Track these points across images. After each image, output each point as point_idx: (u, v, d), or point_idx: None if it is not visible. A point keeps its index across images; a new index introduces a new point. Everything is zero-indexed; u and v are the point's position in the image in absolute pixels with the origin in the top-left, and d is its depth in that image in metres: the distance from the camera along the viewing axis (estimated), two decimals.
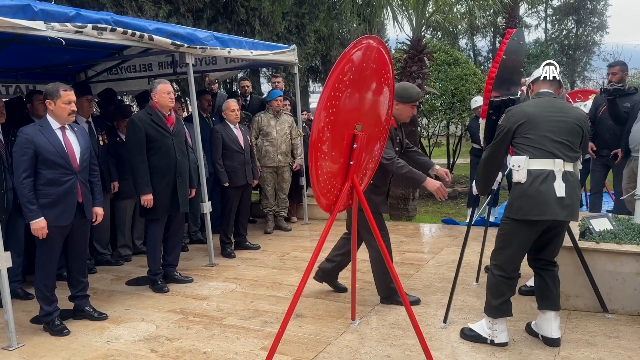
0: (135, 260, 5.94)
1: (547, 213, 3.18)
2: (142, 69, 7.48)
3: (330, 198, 3.29)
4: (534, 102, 3.41)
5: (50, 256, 3.92)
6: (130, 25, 4.62)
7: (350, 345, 3.58)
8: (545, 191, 3.18)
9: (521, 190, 3.24)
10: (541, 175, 3.20)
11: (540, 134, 3.24)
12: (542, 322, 3.50)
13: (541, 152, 3.22)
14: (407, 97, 4.10)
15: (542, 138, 3.23)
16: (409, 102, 4.12)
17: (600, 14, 27.11)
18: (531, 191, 3.20)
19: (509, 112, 3.38)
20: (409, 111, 4.18)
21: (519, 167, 3.24)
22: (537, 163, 3.22)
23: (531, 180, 3.21)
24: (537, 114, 3.28)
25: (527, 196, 3.21)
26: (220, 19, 9.61)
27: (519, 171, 3.24)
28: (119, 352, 3.63)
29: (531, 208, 3.20)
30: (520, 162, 3.24)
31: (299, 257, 5.84)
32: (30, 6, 3.80)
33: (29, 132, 3.79)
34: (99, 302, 4.50)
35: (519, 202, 3.24)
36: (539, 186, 3.19)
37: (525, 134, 3.26)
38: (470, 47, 26.58)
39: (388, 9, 9.49)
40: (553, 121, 3.26)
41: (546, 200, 3.18)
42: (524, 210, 3.22)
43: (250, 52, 6.09)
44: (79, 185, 3.92)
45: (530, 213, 3.21)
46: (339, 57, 2.94)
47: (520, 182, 3.24)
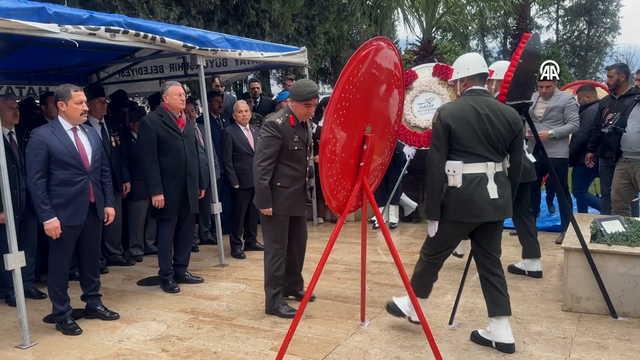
0: (147, 260, 5.98)
1: (481, 216, 3.29)
2: (153, 71, 7.53)
3: (340, 199, 3.30)
4: (466, 100, 3.35)
5: (63, 256, 3.96)
6: (143, 28, 4.66)
7: (360, 347, 3.58)
8: (479, 195, 3.27)
9: (456, 194, 3.30)
10: (475, 179, 3.28)
11: (473, 137, 3.26)
12: (496, 329, 3.44)
13: (475, 157, 3.28)
14: (299, 95, 3.97)
15: (475, 141, 3.27)
16: (302, 101, 3.97)
17: (612, 14, 26.93)
18: (466, 195, 3.28)
19: (442, 113, 3.30)
20: (303, 109, 4.02)
21: (454, 172, 3.29)
22: (471, 167, 3.29)
23: (466, 185, 3.28)
24: (470, 115, 3.26)
25: (462, 200, 3.29)
26: (231, 20, 9.66)
27: (455, 176, 3.30)
28: (131, 352, 3.66)
29: (466, 211, 3.30)
30: (455, 168, 3.29)
31: (309, 258, 5.82)
32: (45, 9, 3.85)
33: (42, 133, 3.84)
34: (111, 302, 4.54)
35: (455, 205, 3.31)
36: (473, 190, 3.27)
37: (459, 138, 3.27)
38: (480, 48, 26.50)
39: (398, 10, 9.50)
40: (486, 122, 3.26)
41: (481, 204, 3.27)
42: (459, 213, 3.31)
43: (260, 53, 6.12)
44: (91, 185, 3.97)
45: (465, 216, 3.31)
46: (350, 59, 2.96)
47: (456, 186, 3.30)
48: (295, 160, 4.08)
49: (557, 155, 5.69)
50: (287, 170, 4.05)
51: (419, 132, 6.69)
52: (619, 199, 5.30)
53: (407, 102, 6.66)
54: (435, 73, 6.63)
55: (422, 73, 6.72)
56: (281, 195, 4.04)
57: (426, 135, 6.49)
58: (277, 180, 4.03)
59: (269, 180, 3.98)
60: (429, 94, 6.57)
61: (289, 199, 4.07)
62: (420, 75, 6.72)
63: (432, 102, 6.57)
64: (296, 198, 4.12)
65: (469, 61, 3.45)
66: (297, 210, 4.17)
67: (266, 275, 4.20)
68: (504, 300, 3.42)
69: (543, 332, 3.69)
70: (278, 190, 4.04)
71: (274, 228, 4.11)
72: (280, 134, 3.95)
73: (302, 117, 4.11)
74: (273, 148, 3.96)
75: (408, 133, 6.74)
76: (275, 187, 4.03)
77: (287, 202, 4.07)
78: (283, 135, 3.96)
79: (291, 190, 4.07)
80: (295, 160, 4.08)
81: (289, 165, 4.05)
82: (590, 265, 3.87)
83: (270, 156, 3.96)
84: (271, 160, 3.97)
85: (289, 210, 4.10)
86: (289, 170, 4.06)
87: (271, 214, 4.03)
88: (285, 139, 3.98)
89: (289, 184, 4.06)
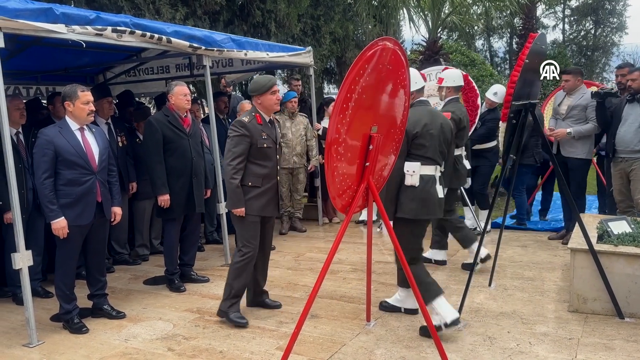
0: (153, 260, 6.00)
1: (434, 213, 3.78)
2: (159, 71, 7.56)
3: (346, 199, 3.30)
4: (421, 110, 3.81)
5: (70, 255, 3.98)
6: (149, 28, 4.68)
7: (366, 347, 3.58)
8: (432, 194, 3.73)
9: (414, 193, 3.69)
10: (429, 180, 3.73)
11: (431, 143, 3.72)
12: (406, 297, 4.02)
13: (429, 160, 3.73)
14: (263, 87, 4.01)
15: (431, 147, 3.72)
16: (267, 91, 4.02)
17: (619, 14, 26.79)
18: (423, 194, 3.70)
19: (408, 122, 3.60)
20: (272, 99, 4.06)
21: (413, 172, 3.69)
22: (426, 169, 3.72)
23: (423, 185, 3.69)
24: (428, 123, 3.72)
25: (419, 199, 3.70)
26: (237, 21, 9.67)
27: (413, 176, 3.69)
28: (137, 350, 3.67)
29: (422, 209, 3.71)
30: (415, 168, 3.69)
31: (314, 258, 5.86)
32: (52, 10, 3.87)
33: (49, 133, 3.86)
34: (117, 301, 4.56)
35: (413, 204, 3.68)
36: (429, 189, 3.71)
37: (421, 144, 3.70)
38: (486, 48, 26.43)
39: (404, 10, 9.49)
40: (439, 130, 3.76)
41: (433, 202, 3.74)
42: (416, 211, 3.69)
43: (266, 54, 6.13)
44: (98, 185, 3.99)
45: (421, 214, 3.72)
46: (356, 59, 2.95)
47: (414, 185, 3.69)
48: (266, 159, 4.05)
49: (576, 154, 5.66)
50: (258, 169, 4.02)
51: None
52: (623, 198, 5.27)
53: None
54: None
55: (430, 77, 6.63)
56: (253, 195, 4.00)
57: None
58: (249, 180, 3.99)
59: (239, 179, 3.95)
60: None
61: (261, 199, 4.03)
62: (429, 78, 6.63)
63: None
64: (268, 198, 4.08)
65: (415, 75, 3.82)
66: (269, 210, 4.12)
67: (231, 275, 4.08)
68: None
69: (549, 333, 3.68)
70: (250, 190, 3.99)
71: (246, 229, 4.04)
72: (248, 132, 3.94)
73: (272, 108, 4.14)
74: (242, 146, 3.94)
75: None
76: (247, 186, 3.99)
77: (259, 202, 4.02)
78: (251, 133, 3.95)
79: (263, 190, 4.03)
80: (266, 159, 4.05)
81: (259, 164, 4.02)
82: (596, 265, 3.85)
83: (240, 154, 3.93)
84: (241, 158, 3.94)
85: (261, 211, 4.04)
86: (260, 169, 4.02)
87: (244, 214, 3.98)
88: (254, 136, 3.96)
89: (261, 183, 4.02)
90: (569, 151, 5.75)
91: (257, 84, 4.06)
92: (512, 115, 3.87)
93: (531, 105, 4.06)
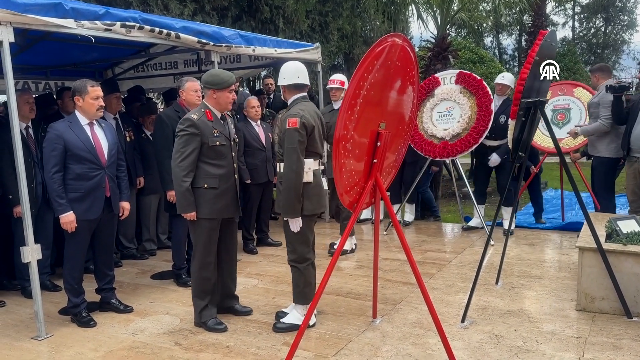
0: (160, 254, 6.03)
1: (324, 207, 3.89)
2: (167, 67, 7.57)
3: (354, 195, 3.30)
4: (310, 106, 3.76)
5: (78, 249, 4.01)
6: (158, 24, 4.68)
7: (372, 343, 3.58)
8: (322, 188, 3.81)
9: (310, 189, 3.68)
10: (318, 174, 3.76)
11: (319, 139, 3.73)
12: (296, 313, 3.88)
13: (316, 155, 3.74)
14: (222, 83, 3.77)
15: (319, 142, 3.73)
16: (225, 88, 3.79)
17: (630, 11, 26.54)
18: (318, 189, 3.76)
19: (304, 119, 3.57)
20: (228, 97, 3.83)
21: (308, 169, 3.64)
22: (315, 164, 3.73)
23: (316, 180, 3.72)
24: (316, 119, 3.71)
25: (315, 194, 3.72)
26: (245, 17, 9.69)
27: (308, 173, 3.64)
28: (144, 344, 3.69)
29: (318, 204, 3.77)
30: (310, 165, 3.65)
31: (320, 254, 5.85)
32: (62, 4, 3.88)
33: (59, 128, 3.88)
34: (125, 295, 4.59)
35: (309, 202, 3.67)
36: (319, 184, 3.77)
37: (314, 140, 3.67)
38: (495, 45, 26.30)
39: (412, 7, 9.45)
40: (323, 125, 3.83)
41: (323, 195, 3.84)
42: (312, 207, 3.71)
43: (274, 50, 6.13)
44: (107, 180, 4.01)
45: (317, 208, 3.78)
46: (364, 55, 2.95)
47: (310, 182, 3.66)
48: (220, 157, 3.80)
49: (597, 153, 5.61)
50: (213, 169, 3.77)
51: (435, 142, 6.39)
52: (635, 198, 5.24)
53: (428, 109, 6.48)
54: (457, 81, 6.38)
55: (445, 80, 6.57)
56: (209, 197, 3.76)
57: (441, 146, 6.28)
58: (204, 182, 3.74)
59: (190, 181, 3.70)
60: (449, 102, 6.43)
61: (220, 201, 3.80)
62: (443, 82, 6.58)
63: (452, 111, 6.35)
64: (228, 198, 3.85)
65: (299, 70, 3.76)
66: (229, 211, 3.89)
67: (193, 285, 3.93)
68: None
69: (556, 332, 3.66)
70: (206, 192, 3.75)
71: (202, 233, 3.81)
72: (198, 130, 3.69)
73: (226, 106, 3.89)
74: (192, 146, 3.68)
75: (424, 142, 6.44)
76: (202, 189, 3.74)
77: (217, 204, 3.79)
78: (201, 131, 3.70)
79: (220, 191, 3.79)
80: (220, 157, 3.80)
81: (213, 164, 3.77)
82: (605, 264, 3.83)
83: (190, 154, 3.68)
84: (191, 159, 3.69)
85: (219, 213, 3.82)
86: (215, 169, 3.78)
87: (195, 219, 3.76)
88: (204, 134, 3.71)
89: (217, 184, 3.77)
90: (592, 150, 5.71)
91: (219, 78, 3.79)
92: (521, 112, 3.85)
93: (540, 102, 4.04)
